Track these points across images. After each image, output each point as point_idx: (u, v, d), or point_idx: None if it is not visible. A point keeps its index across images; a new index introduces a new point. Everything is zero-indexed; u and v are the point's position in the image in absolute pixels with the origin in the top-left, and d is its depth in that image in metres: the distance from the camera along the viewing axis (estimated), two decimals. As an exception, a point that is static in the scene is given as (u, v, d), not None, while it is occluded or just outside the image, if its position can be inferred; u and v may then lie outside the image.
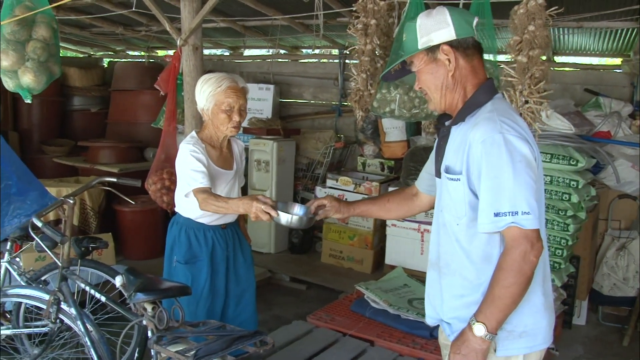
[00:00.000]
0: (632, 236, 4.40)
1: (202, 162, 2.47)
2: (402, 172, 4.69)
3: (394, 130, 5.30)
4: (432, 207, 2.07)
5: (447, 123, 1.83)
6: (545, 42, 2.65)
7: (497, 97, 1.75)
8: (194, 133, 2.66)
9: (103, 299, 2.77)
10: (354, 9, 3.19)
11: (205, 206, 2.40)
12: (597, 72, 5.24)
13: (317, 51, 6.53)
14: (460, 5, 3.00)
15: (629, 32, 4.46)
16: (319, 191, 5.15)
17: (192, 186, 2.45)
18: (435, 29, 1.72)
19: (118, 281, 2.22)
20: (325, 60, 6.48)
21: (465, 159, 1.64)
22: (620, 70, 5.03)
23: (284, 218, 2.13)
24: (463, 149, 1.66)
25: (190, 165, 2.47)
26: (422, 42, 1.74)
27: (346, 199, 4.96)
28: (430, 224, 4.35)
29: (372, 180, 4.99)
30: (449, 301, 1.80)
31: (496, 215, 1.56)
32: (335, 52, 6.24)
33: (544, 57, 2.74)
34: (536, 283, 1.67)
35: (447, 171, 1.73)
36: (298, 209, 2.29)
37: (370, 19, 3.09)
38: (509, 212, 1.54)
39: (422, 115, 3.07)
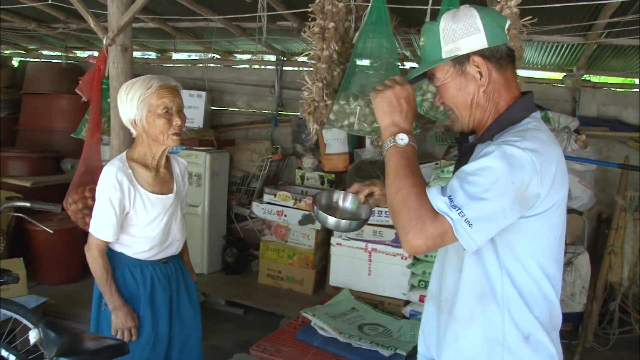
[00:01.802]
0: (578, 251, 4.32)
1: (116, 210, 2.14)
2: (345, 188, 4.41)
3: (334, 141, 5.04)
4: None
5: (471, 138, 1.60)
6: (519, 53, 2.45)
7: (535, 116, 1.50)
8: (123, 155, 2.25)
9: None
10: (308, 9, 2.88)
11: (91, 265, 2.18)
12: (541, 86, 5.20)
13: (252, 57, 6.19)
14: (429, 12, 2.76)
15: (574, 47, 4.41)
16: (256, 207, 4.81)
17: (93, 232, 2.16)
18: (463, 34, 1.46)
19: (33, 336, 1.79)
20: (260, 67, 6.14)
21: None
22: (562, 85, 5.00)
23: (325, 219, 1.76)
24: None
25: (102, 208, 2.16)
26: (447, 50, 1.49)
27: (285, 215, 4.65)
28: (378, 242, 4.14)
29: (312, 195, 4.69)
30: (446, 343, 1.56)
31: (449, 198, 1.34)
32: (271, 58, 5.91)
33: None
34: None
35: None
36: (344, 201, 1.90)
37: (329, 21, 2.79)
38: (458, 208, 1.32)
39: (384, 130, 2.81)
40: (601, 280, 4.24)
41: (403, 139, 1.46)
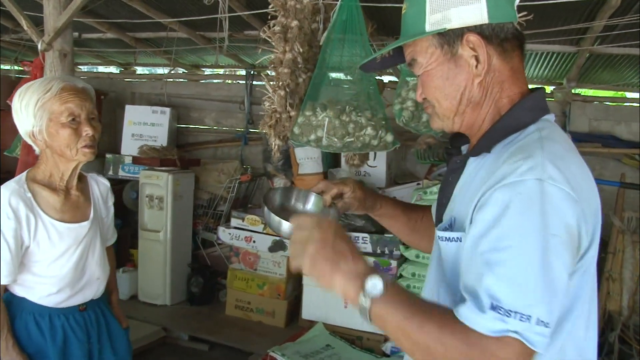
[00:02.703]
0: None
1: (10, 244, 1.72)
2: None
3: (308, 161, 4.65)
4: None
5: (464, 149, 1.27)
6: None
7: (547, 120, 1.14)
8: (22, 176, 1.83)
9: None
10: (270, 8, 2.51)
11: None
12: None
13: (221, 71, 5.82)
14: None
15: (564, 57, 4.10)
16: (222, 232, 4.40)
17: None
18: (456, 1, 1.12)
19: None
20: (230, 82, 5.76)
21: (476, 208, 1.05)
22: (552, 99, 4.68)
23: (278, 225, 1.35)
24: (479, 195, 1.05)
25: None
26: (434, 20, 1.15)
27: (254, 241, 4.25)
28: (354, 272, 3.75)
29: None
30: None
31: (494, 308, 0.94)
32: (241, 72, 5.54)
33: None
34: None
35: (451, 226, 1.13)
36: (305, 202, 1.54)
37: (292, 19, 2.42)
38: (515, 313, 0.93)
39: (357, 146, 2.41)
40: (599, 309, 3.88)
41: (375, 285, 1.00)
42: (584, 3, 2.84)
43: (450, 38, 1.13)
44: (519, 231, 0.96)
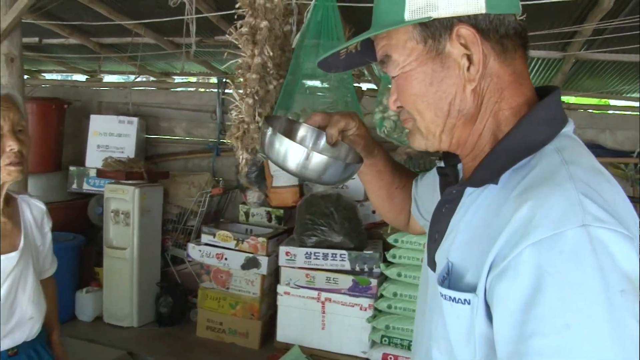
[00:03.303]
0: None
1: None
2: (295, 227, 3.80)
3: (282, 173, 4.44)
4: (422, 233, 1.35)
5: (460, 167, 1.05)
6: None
7: (566, 134, 0.90)
8: None
9: None
10: (236, 8, 2.29)
11: None
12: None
13: (192, 79, 5.58)
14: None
15: (549, 64, 3.95)
16: (192, 249, 4.15)
17: None
18: None
19: None
20: (202, 90, 5.53)
21: (492, 271, 0.79)
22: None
23: (298, 154, 1.09)
24: (489, 242, 0.80)
25: None
26: (415, 7, 0.90)
27: (226, 258, 4.00)
28: (333, 291, 3.53)
29: (258, 235, 4.06)
30: None
31: None
32: (213, 80, 5.31)
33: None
34: None
35: (448, 279, 0.89)
36: (316, 139, 1.26)
37: (261, 20, 2.21)
38: None
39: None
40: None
41: None
42: (573, 4, 2.67)
43: (436, 30, 0.89)
44: (574, 303, 0.71)
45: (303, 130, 1.27)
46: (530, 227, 0.75)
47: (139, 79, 5.53)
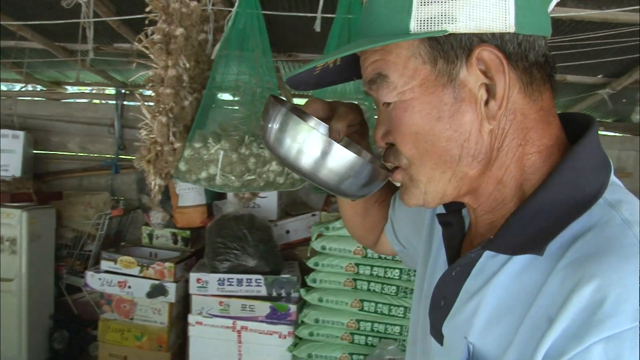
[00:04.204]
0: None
1: None
2: (206, 251, 3.53)
3: (188, 192, 4.14)
4: (392, 254, 1.26)
5: (465, 213, 0.88)
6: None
7: (614, 182, 0.74)
8: None
9: None
10: (147, 12, 2.02)
11: None
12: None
13: (86, 89, 5.15)
14: (319, 20, 2.03)
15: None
16: (90, 277, 3.76)
17: None
18: None
19: None
20: (97, 101, 5.12)
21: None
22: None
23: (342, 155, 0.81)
24: (532, 328, 0.64)
25: None
26: (425, 16, 0.70)
27: (130, 286, 3.66)
28: (249, 319, 3.30)
29: (164, 260, 3.75)
30: None
31: None
32: (111, 90, 4.92)
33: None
34: None
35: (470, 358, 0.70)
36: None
37: (176, 27, 1.96)
38: None
39: (259, 184, 2.00)
40: None
41: None
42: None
43: (450, 49, 0.71)
44: None
45: (313, 123, 0.98)
46: (600, 316, 0.58)
47: (25, 89, 5.02)
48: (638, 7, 2.38)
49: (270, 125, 0.85)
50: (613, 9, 2.44)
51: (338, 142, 0.84)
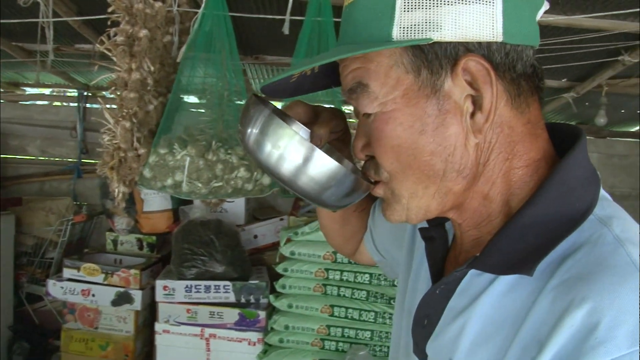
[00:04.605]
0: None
1: None
2: (173, 257, 3.46)
3: (154, 196, 4.05)
4: (371, 264, 1.24)
5: (449, 227, 0.85)
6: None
7: (604, 197, 0.72)
8: None
9: None
10: (109, 12, 1.95)
11: None
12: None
13: (46, 90, 5.00)
14: (287, 23, 1.99)
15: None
16: (52, 286, 3.65)
17: None
18: (448, 0, 0.65)
19: None
20: (58, 103, 4.98)
21: None
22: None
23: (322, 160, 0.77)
24: (522, 351, 0.62)
25: None
26: (408, 22, 0.66)
27: (94, 295, 3.57)
28: (218, 326, 3.24)
29: (130, 266, 3.66)
30: None
31: None
32: (72, 92, 4.78)
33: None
34: None
35: None
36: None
37: (140, 28, 1.89)
38: None
39: (227, 191, 1.95)
40: None
41: None
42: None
43: (434, 59, 0.67)
44: None
45: (296, 128, 0.93)
46: (593, 341, 0.56)
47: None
48: (601, 13, 2.42)
49: (250, 128, 0.80)
50: (577, 15, 2.48)
51: (320, 149, 0.80)
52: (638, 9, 2.32)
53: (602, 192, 0.73)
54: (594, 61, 3.06)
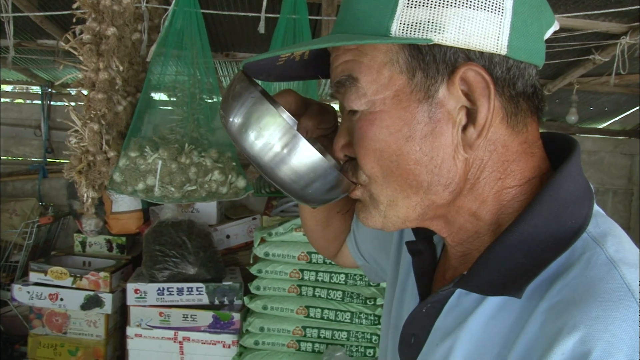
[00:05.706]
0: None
1: None
2: (144, 259, 3.38)
3: (123, 197, 3.97)
4: (354, 267, 1.22)
5: (438, 239, 0.82)
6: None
7: (598, 213, 0.68)
8: None
9: None
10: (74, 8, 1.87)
11: None
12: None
13: (8, 87, 4.85)
14: (263, 21, 1.94)
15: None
16: (18, 291, 3.54)
17: None
18: (460, 2, 0.60)
19: None
20: (21, 101, 4.83)
21: None
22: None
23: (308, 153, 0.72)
24: None
25: None
26: (409, 19, 0.61)
27: (62, 299, 3.47)
28: (191, 329, 3.18)
29: (99, 269, 3.57)
30: None
31: None
32: (35, 89, 4.64)
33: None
34: None
35: None
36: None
37: (108, 26, 1.82)
38: None
39: (201, 195, 1.90)
40: None
41: None
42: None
43: (431, 62, 0.63)
44: None
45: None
46: None
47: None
48: (574, 13, 2.43)
49: (235, 108, 0.75)
50: (551, 13, 2.49)
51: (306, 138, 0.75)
52: (609, 10, 2.34)
53: (596, 208, 0.69)
54: (565, 60, 3.09)
